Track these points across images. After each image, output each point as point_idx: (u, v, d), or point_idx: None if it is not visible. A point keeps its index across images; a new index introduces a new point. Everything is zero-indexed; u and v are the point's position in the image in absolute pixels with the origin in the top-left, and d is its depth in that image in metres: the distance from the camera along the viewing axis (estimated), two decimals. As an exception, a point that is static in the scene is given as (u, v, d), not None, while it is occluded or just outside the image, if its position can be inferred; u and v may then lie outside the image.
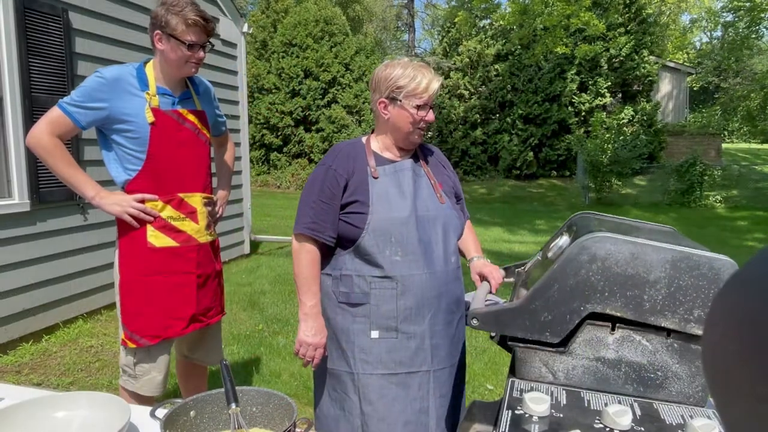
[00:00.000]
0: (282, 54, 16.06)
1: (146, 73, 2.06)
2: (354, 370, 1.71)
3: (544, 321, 1.35)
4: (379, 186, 1.72)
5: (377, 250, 1.67)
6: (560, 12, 11.27)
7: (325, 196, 1.71)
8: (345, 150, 1.78)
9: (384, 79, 1.71)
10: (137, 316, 2.07)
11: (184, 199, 2.12)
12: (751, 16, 15.54)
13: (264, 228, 9.02)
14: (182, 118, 2.10)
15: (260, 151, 16.47)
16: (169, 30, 1.98)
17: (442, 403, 1.74)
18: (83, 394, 1.31)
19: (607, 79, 16.09)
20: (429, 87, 1.70)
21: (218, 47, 5.99)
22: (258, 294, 5.31)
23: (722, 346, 0.33)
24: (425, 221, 1.73)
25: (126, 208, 2.01)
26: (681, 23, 31.69)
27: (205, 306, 2.21)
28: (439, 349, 1.73)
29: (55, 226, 4.02)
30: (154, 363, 2.12)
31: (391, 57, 26.43)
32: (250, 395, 1.27)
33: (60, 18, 3.97)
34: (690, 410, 1.28)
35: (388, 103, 1.72)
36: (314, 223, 1.71)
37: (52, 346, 3.87)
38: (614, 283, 1.29)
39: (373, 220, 1.68)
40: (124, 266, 2.09)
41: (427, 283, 1.70)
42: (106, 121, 2.00)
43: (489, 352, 3.86)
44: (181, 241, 2.11)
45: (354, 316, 1.71)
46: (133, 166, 2.04)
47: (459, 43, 17.58)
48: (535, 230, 10.07)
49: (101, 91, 1.98)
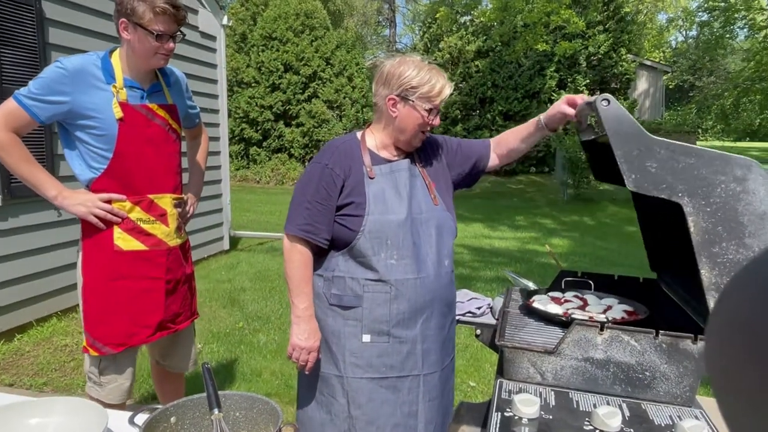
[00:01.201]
0: (262, 47, 15.88)
1: (112, 63, 1.90)
2: (343, 373, 1.68)
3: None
4: (375, 186, 1.67)
5: (372, 253, 1.63)
6: (540, 9, 11.33)
7: (321, 197, 1.65)
8: (341, 148, 1.71)
9: (397, 76, 1.65)
10: (100, 322, 1.95)
11: (154, 201, 1.99)
12: (725, 16, 15.82)
13: (244, 224, 8.92)
14: (152, 113, 1.96)
15: (239, 146, 16.29)
16: (136, 18, 1.82)
17: (431, 407, 1.72)
18: (58, 400, 1.26)
19: (586, 76, 16.26)
20: (442, 92, 1.66)
21: (197, 40, 5.89)
22: (238, 291, 5.24)
23: (726, 347, 0.33)
24: (419, 224, 1.69)
25: (91, 209, 1.88)
26: (658, 22, 32.16)
27: (173, 312, 2.10)
28: (430, 354, 1.71)
29: (28, 222, 3.90)
30: (119, 371, 2.01)
31: (373, 52, 26.33)
32: (233, 400, 1.23)
33: (32, 7, 3.85)
34: (678, 410, 1.28)
35: (398, 101, 1.66)
36: (308, 224, 1.65)
37: (24, 345, 3.76)
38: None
39: (369, 222, 1.63)
40: (88, 269, 1.96)
41: (421, 287, 1.66)
42: (68, 116, 1.86)
43: (471, 349, 3.86)
44: (151, 244, 1.99)
45: (345, 319, 1.67)
46: (98, 165, 1.90)
47: (440, 39, 17.59)
48: (515, 226, 10.14)
49: (62, 84, 1.82)
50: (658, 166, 1.27)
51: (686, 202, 1.25)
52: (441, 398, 1.76)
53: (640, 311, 1.68)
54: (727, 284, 0.35)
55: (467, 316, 2.10)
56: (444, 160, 1.85)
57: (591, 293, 1.91)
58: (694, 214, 1.25)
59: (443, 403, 1.77)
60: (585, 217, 11.43)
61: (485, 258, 7.14)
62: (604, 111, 1.31)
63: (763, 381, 0.29)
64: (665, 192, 1.27)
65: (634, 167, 1.28)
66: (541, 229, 9.94)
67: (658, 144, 1.27)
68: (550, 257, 2.47)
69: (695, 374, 1.30)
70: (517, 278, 2.24)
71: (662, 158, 1.27)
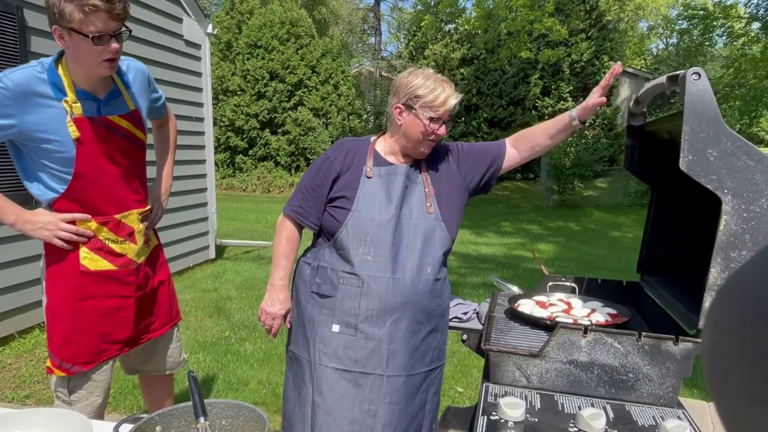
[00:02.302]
0: (247, 55, 15.86)
1: (60, 74, 1.68)
2: (312, 359, 1.76)
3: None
4: (368, 186, 1.74)
5: (351, 247, 1.71)
6: (524, 18, 11.46)
7: (316, 184, 1.78)
8: (348, 145, 1.82)
9: (405, 85, 1.72)
10: (67, 343, 1.83)
11: (122, 221, 1.86)
12: (704, 24, 16.10)
13: (230, 232, 8.87)
14: (112, 126, 1.78)
15: (225, 154, 16.22)
16: (66, 22, 1.56)
17: (392, 410, 1.71)
18: (40, 411, 1.25)
19: (569, 83, 16.44)
20: (447, 102, 1.70)
21: (182, 48, 5.87)
22: (224, 300, 5.20)
23: (722, 347, 0.33)
24: (406, 228, 1.73)
25: (55, 232, 1.75)
26: (639, 30, 32.65)
27: (145, 324, 2.01)
28: (396, 356, 1.71)
29: (10, 232, 3.85)
30: (92, 386, 1.90)
31: (359, 60, 26.41)
32: (220, 408, 1.23)
33: (14, 15, 3.81)
34: (661, 411, 1.30)
35: (403, 109, 1.73)
36: (301, 207, 1.79)
37: (6, 357, 3.70)
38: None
39: (353, 217, 1.71)
40: (52, 290, 1.84)
41: (393, 288, 1.69)
42: (18, 137, 1.68)
43: (459, 354, 3.87)
44: (120, 264, 1.87)
45: (321, 307, 1.76)
46: (58, 186, 1.75)
47: (425, 46, 17.70)
48: (501, 232, 10.19)
49: (5, 105, 1.62)
50: (717, 156, 1.25)
51: (728, 200, 1.24)
52: (406, 404, 1.73)
53: (623, 314, 1.70)
54: (724, 284, 0.35)
55: (454, 321, 2.11)
56: (454, 166, 1.86)
57: (575, 297, 1.93)
58: (730, 214, 1.24)
59: (409, 411, 1.75)
60: (570, 223, 11.53)
61: (472, 264, 7.17)
62: (692, 84, 1.26)
63: (758, 381, 0.29)
64: (713, 183, 1.25)
65: (694, 149, 1.25)
66: (527, 234, 10.01)
67: (727, 135, 1.25)
68: (537, 262, 2.49)
69: (677, 375, 1.32)
70: (502, 283, 2.26)
71: (724, 150, 1.24)
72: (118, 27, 1.64)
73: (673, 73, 1.41)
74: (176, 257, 5.78)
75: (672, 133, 1.65)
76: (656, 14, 31.04)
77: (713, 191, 1.25)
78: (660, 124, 1.71)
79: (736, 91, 14.64)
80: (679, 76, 1.34)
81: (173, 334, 2.19)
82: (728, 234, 1.24)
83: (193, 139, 6.12)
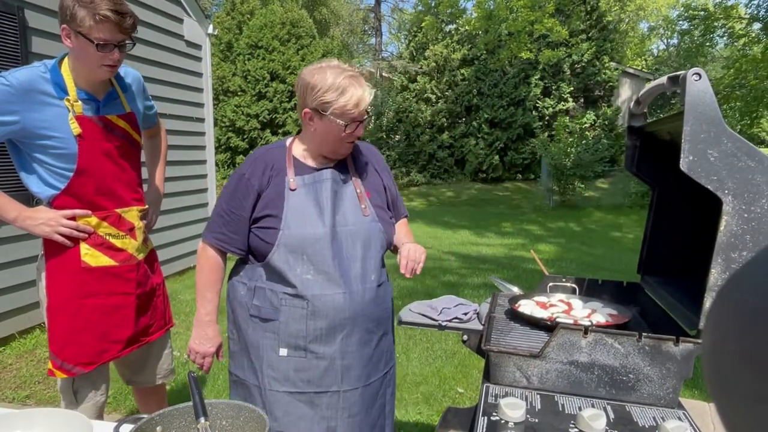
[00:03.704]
0: (248, 56, 15.87)
1: (62, 74, 1.76)
2: (261, 385, 1.65)
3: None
4: (295, 199, 1.61)
5: (287, 268, 1.59)
6: (524, 18, 11.46)
7: (235, 206, 1.64)
8: (263, 158, 1.66)
9: (311, 88, 1.56)
10: (69, 342, 1.86)
11: (122, 215, 1.91)
12: (705, 24, 16.12)
13: (230, 232, 8.85)
14: (111, 125, 1.85)
15: (226, 155, 16.22)
16: (76, 26, 1.65)
17: (351, 423, 1.67)
18: (40, 411, 1.25)
19: (570, 84, 16.44)
20: (360, 104, 1.56)
21: (182, 48, 5.88)
22: (222, 300, 5.19)
23: (722, 347, 0.33)
24: (343, 237, 1.63)
25: (56, 228, 1.78)
26: (639, 31, 32.66)
27: (144, 325, 2.04)
28: (350, 370, 1.65)
29: (11, 232, 3.85)
30: (95, 385, 1.94)
31: (359, 60, 26.40)
32: (220, 408, 1.23)
33: (15, 16, 3.82)
34: (661, 412, 1.30)
35: (313, 115, 1.59)
36: (222, 234, 1.65)
37: (7, 357, 3.70)
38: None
39: (284, 236, 1.58)
40: (53, 288, 1.85)
41: (341, 304, 1.60)
42: (20, 134, 1.74)
43: (459, 355, 3.87)
44: (121, 260, 1.91)
45: (264, 331, 1.64)
46: (57, 183, 1.80)
47: (425, 47, 17.70)
48: (501, 233, 10.19)
49: (9, 102, 1.68)
50: (718, 156, 1.24)
51: (729, 201, 1.24)
52: (365, 414, 1.70)
53: (623, 314, 1.70)
54: (725, 284, 0.35)
55: (454, 322, 2.10)
56: (377, 167, 1.80)
57: (576, 297, 1.93)
58: (730, 214, 1.24)
59: (368, 420, 1.71)
60: (571, 224, 11.53)
61: (472, 264, 7.17)
62: (693, 84, 1.26)
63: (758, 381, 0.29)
64: (713, 184, 1.24)
65: (695, 149, 1.25)
66: (527, 235, 10.01)
67: (727, 135, 1.24)
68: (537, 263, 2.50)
69: (678, 376, 1.32)
70: (503, 284, 2.26)
71: (725, 151, 1.24)
72: (124, 39, 1.73)
73: (673, 73, 1.41)
74: (177, 257, 5.78)
75: (672, 133, 1.65)
76: (657, 15, 31.04)
77: (714, 192, 1.25)
78: (660, 125, 1.71)
79: (737, 91, 14.64)
80: (680, 77, 1.34)
81: (167, 339, 2.22)
82: (729, 235, 1.24)
83: (193, 140, 6.12)
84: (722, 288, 0.35)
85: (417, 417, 3.04)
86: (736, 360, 0.31)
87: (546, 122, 16.41)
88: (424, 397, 3.27)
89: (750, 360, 0.30)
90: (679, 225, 1.84)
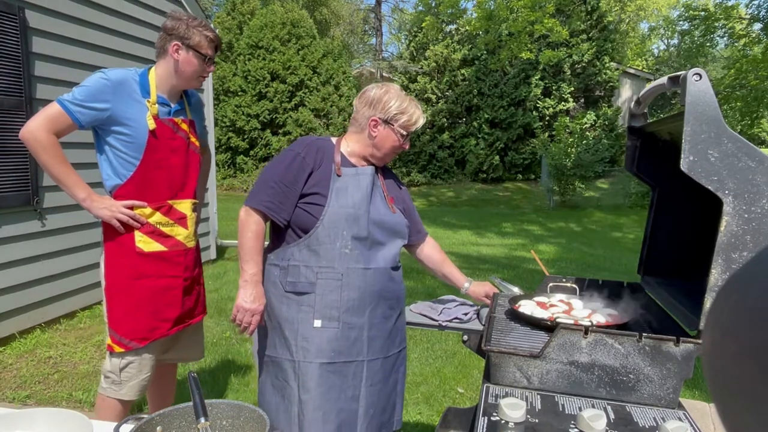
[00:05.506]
0: (248, 56, 15.88)
1: (148, 80, 2.12)
2: (295, 358, 1.78)
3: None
4: (340, 183, 1.82)
5: (328, 241, 1.77)
6: (525, 18, 11.46)
7: (288, 180, 1.79)
8: (315, 143, 1.88)
9: (384, 102, 1.86)
10: (125, 319, 2.09)
11: (174, 206, 2.17)
12: (705, 24, 16.11)
13: (230, 233, 8.86)
14: (176, 126, 2.16)
15: (226, 155, 16.23)
16: (191, 42, 2.10)
17: (372, 392, 1.85)
18: (40, 411, 1.25)
19: (570, 84, 16.44)
20: (417, 122, 1.91)
21: (183, 49, 5.87)
22: (225, 300, 5.21)
23: (723, 346, 0.33)
24: (376, 222, 1.84)
25: (115, 213, 2.03)
26: (640, 31, 32.67)
27: (188, 307, 2.27)
28: (375, 341, 1.85)
29: (11, 233, 3.86)
30: (141, 366, 2.14)
31: (360, 60, 26.41)
32: (220, 408, 1.23)
33: (16, 16, 3.82)
34: (662, 412, 1.30)
35: (380, 123, 1.86)
36: (272, 203, 1.79)
37: (7, 357, 3.70)
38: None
39: (329, 212, 1.78)
40: (111, 270, 2.10)
41: (371, 278, 1.82)
42: (105, 122, 2.02)
43: (459, 355, 3.87)
44: (170, 246, 2.16)
45: (300, 305, 1.79)
46: (124, 171, 2.07)
47: (426, 47, 17.70)
48: (502, 233, 10.19)
49: (105, 93, 2.00)
50: (719, 156, 1.24)
51: (729, 201, 1.24)
52: (383, 384, 1.89)
53: (624, 315, 1.70)
54: (725, 283, 0.35)
55: (454, 322, 2.11)
56: (399, 183, 2.08)
57: (576, 298, 1.93)
58: (731, 215, 1.24)
59: (385, 390, 1.91)
60: (571, 224, 11.53)
61: (473, 265, 7.17)
62: (693, 85, 1.26)
63: (759, 380, 0.29)
64: (714, 184, 1.24)
65: (695, 149, 1.25)
66: (528, 235, 10.01)
67: (728, 136, 1.24)
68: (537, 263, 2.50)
69: (678, 376, 1.32)
70: (503, 284, 2.26)
71: (725, 151, 1.24)
72: (215, 56, 2.21)
73: (674, 74, 1.41)
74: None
75: (673, 134, 1.64)
76: (657, 15, 31.03)
77: (714, 192, 1.25)
78: (661, 125, 1.71)
79: (737, 92, 14.64)
80: (680, 77, 1.34)
81: (201, 326, 2.46)
82: (729, 235, 1.24)
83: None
84: (722, 288, 0.35)
85: (417, 417, 3.04)
86: (735, 359, 0.31)
87: (546, 122, 16.41)
88: (425, 397, 3.27)
89: (750, 359, 0.30)
90: (679, 225, 1.84)
